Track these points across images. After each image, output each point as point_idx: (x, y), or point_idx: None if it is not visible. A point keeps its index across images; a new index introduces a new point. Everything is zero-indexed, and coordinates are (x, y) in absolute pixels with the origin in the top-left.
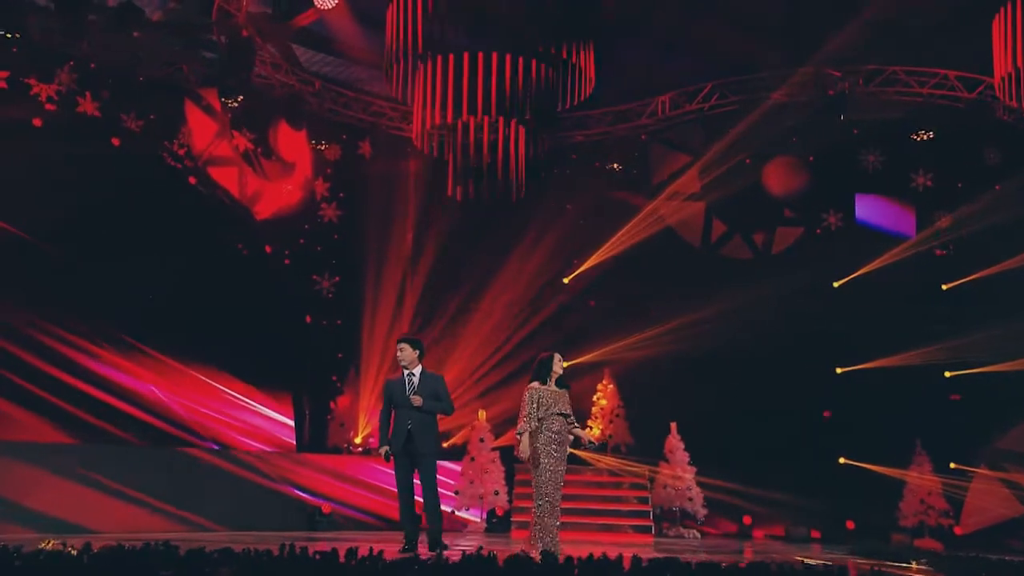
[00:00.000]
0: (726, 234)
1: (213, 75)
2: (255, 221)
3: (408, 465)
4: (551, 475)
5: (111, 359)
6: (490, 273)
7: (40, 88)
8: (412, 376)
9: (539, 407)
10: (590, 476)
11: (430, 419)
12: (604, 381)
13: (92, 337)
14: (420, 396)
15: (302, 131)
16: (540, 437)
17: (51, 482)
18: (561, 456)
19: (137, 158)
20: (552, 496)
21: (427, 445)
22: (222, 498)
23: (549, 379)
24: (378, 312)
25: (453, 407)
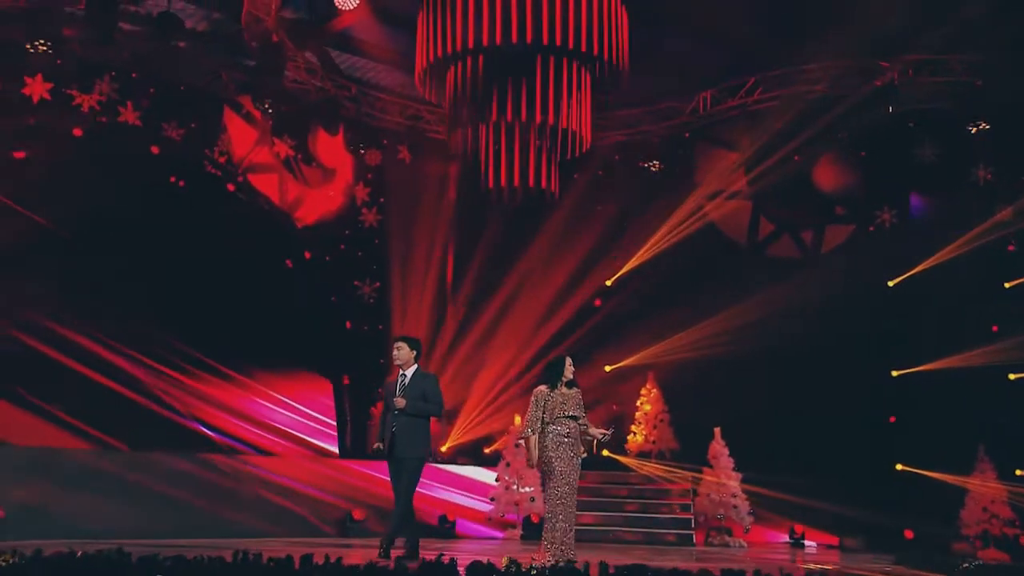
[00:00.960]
0: (773, 233)
1: (247, 82)
2: (296, 228)
3: (396, 469)
4: (563, 479)
5: (152, 366)
6: (529, 276)
7: (82, 99)
8: (404, 377)
9: (545, 411)
10: (631, 482)
11: (416, 422)
12: (648, 385)
13: (134, 344)
14: (404, 398)
15: (338, 136)
16: (549, 441)
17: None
18: (572, 459)
19: (178, 166)
20: (566, 501)
21: (408, 448)
22: (255, 503)
23: (559, 383)
24: (419, 317)
25: (442, 408)
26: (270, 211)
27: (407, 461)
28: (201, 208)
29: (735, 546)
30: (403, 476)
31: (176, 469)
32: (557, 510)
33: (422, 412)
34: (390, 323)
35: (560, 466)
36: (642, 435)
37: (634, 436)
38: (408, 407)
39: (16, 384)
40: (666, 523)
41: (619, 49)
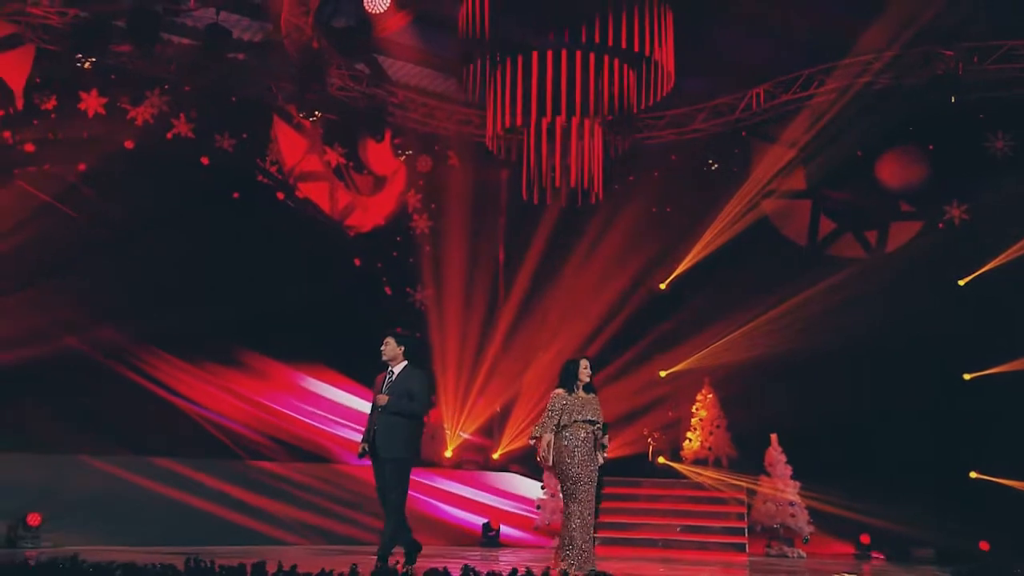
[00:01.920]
0: (835, 231)
1: (291, 91)
2: (347, 235)
3: (379, 469)
4: (577, 486)
5: (203, 373)
6: (582, 280)
7: (136, 112)
8: (392, 373)
9: (563, 413)
10: (682, 491)
11: (396, 420)
12: (704, 391)
13: (186, 351)
14: (386, 395)
15: (384, 142)
16: (564, 446)
17: (165, 495)
18: (588, 465)
19: (230, 176)
20: (582, 509)
21: (388, 449)
22: (307, 510)
23: (576, 386)
24: (470, 323)
25: (425, 406)
26: (320, 219)
27: (387, 463)
28: (252, 217)
29: (793, 557)
30: (389, 479)
31: (223, 475)
32: (572, 518)
33: (404, 411)
34: (442, 330)
35: (575, 472)
36: (698, 441)
37: (690, 443)
38: (390, 405)
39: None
40: (720, 532)
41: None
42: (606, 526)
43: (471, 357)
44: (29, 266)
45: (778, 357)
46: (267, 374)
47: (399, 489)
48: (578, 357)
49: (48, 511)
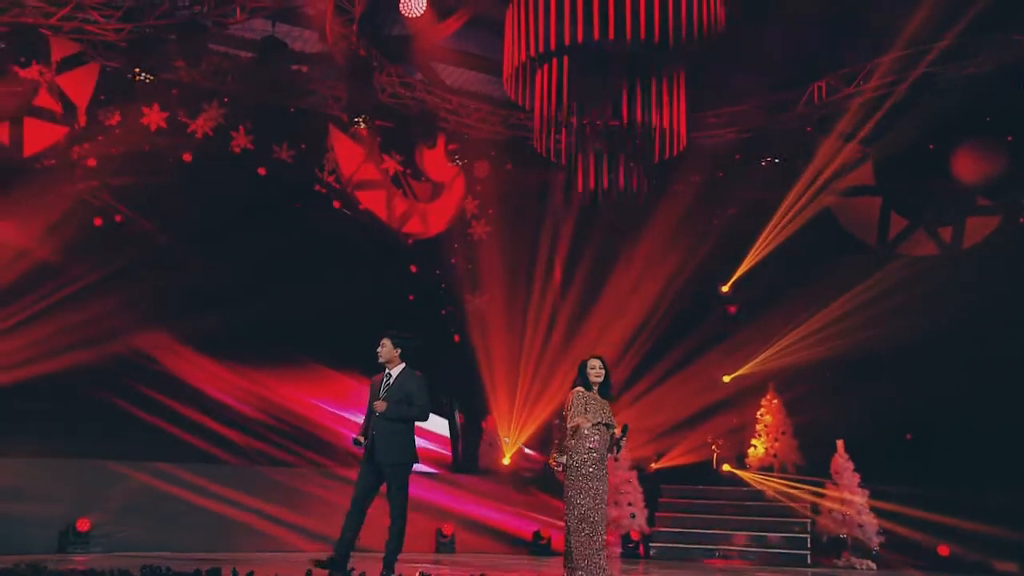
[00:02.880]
0: (907, 228)
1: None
2: (405, 243)
3: (369, 475)
4: (586, 494)
5: (265, 381)
6: (640, 283)
7: (196, 126)
8: (389, 376)
9: (587, 410)
10: (743, 500)
11: (396, 427)
12: (768, 396)
13: (246, 358)
14: (385, 402)
15: (440, 149)
16: (579, 449)
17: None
18: (600, 473)
19: (288, 186)
20: (593, 519)
21: (389, 455)
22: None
23: (592, 386)
24: (528, 328)
25: (427, 412)
26: (377, 227)
27: (387, 468)
28: (309, 226)
29: (863, 569)
30: (388, 487)
31: (276, 480)
32: (583, 528)
33: (404, 417)
34: (500, 335)
35: (587, 482)
36: (763, 448)
37: (754, 449)
38: (389, 412)
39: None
40: (782, 543)
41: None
42: (662, 536)
43: (530, 363)
44: (86, 276)
45: (846, 359)
46: (322, 380)
47: (401, 494)
48: (588, 356)
49: (97, 516)
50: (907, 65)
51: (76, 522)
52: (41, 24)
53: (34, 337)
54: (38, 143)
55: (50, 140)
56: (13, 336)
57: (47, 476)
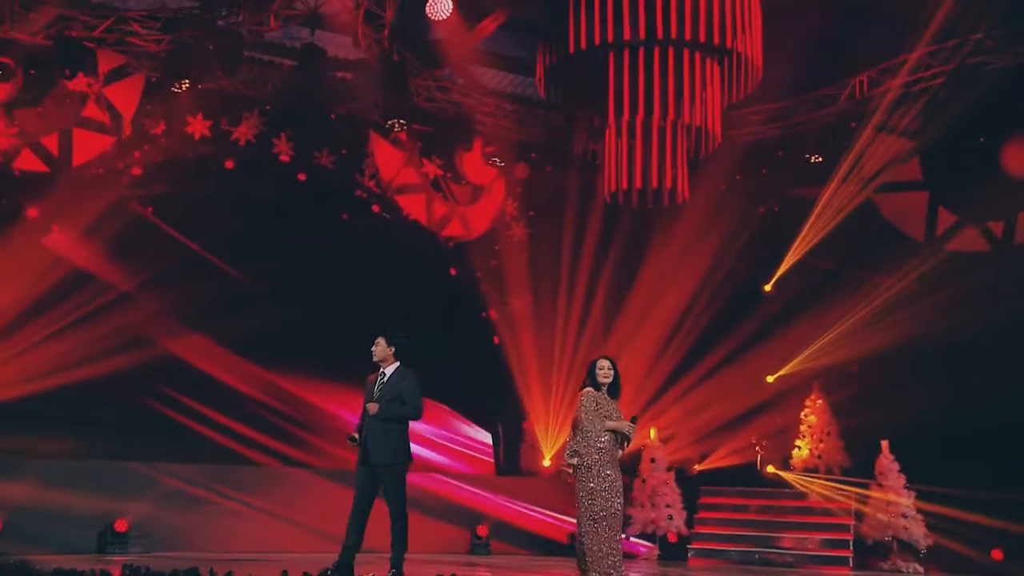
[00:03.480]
0: (956, 224)
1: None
2: (445, 246)
3: (365, 476)
4: (598, 496)
5: (308, 385)
6: (683, 282)
7: (239, 133)
8: (383, 375)
9: (598, 409)
10: (784, 501)
11: (388, 426)
12: (813, 396)
13: (291, 365)
14: (377, 403)
15: (476, 152)
16: (590, 450)
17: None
18: (613, 473)
19: (329, 192)
20: (606, 521)
21: (382, 455)
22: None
23: (601, 386)
24: (568, 329)
25: (419, 410)
26: (417, 231)
27: (380, 469)
28: (349, 231)
29: (909, 572)
30: (383, 488)
31: (314, 484)
32: (597, 528)
33: (396, 416)
34: (540, 337)
35: (599, 481)
36: (807, 449)
37: (799, 451)
38: (381, 412)
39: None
40: (824, 545)
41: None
42: (700, 537)
43: (568, 364)
44: (130, 281)
45: (892, 358)
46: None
47: (398, 495)
48: (598, 357)
49: (135, 517)
50: (951, 56)
51: (114, 522)
52: (85, 37)
53: (78, 342)
54: (87, 153)
55: (98, 150)
56: (58, 341)
57: (88, 478)
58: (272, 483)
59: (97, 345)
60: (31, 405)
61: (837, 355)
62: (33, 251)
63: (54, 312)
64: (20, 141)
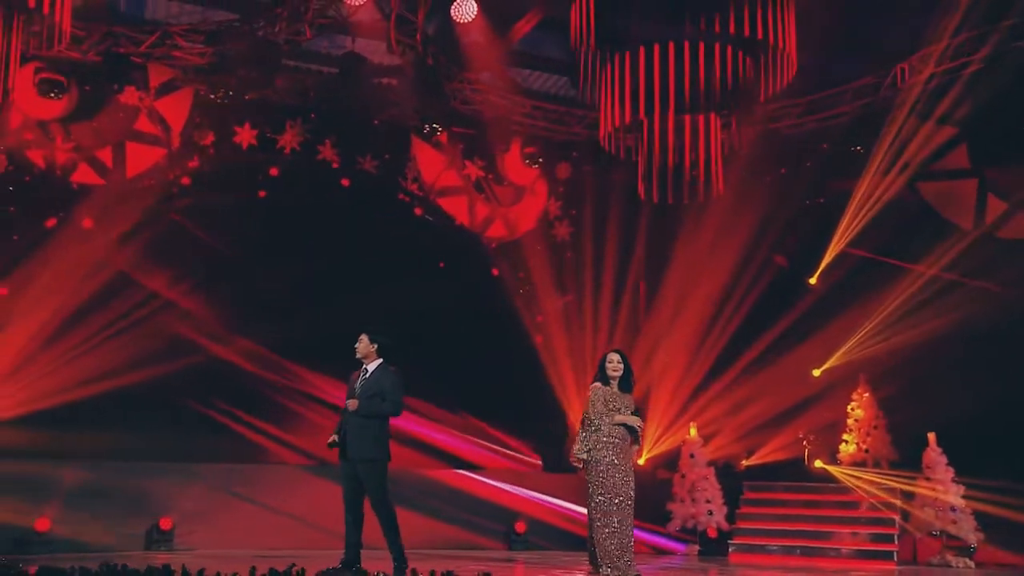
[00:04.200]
0: (1006, 212)
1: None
2: (488, 247)
3: (348, 473)
4: (608, 490)
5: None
6: (726, 277)
7: (284, 141)
8: (366, 372)
9: (606, 405)
10: (829, 496)
11: (367, 422)
12: (859, 389)
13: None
14: (357, 400)
15: (516, 153)
16: (599, 445)
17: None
18: (623, 466)
19: (372, 196)
20: (620, 513)
21: (360, 451)
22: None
23: (609, 381)
24: (615, 327)
25: (399, 407)
26: (459, 232)
27: (359, 465)
28: (393, 234)
29: (959, 567)
30: (365, 484)
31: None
32: (607, 521)
33: (376, 412)
34: (585, 336)
35: (609, 473)
36: (854, 443)
37: (846, 445)
38: (361, 408)
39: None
40: (870, 539)
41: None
42: (742, 533)
43: None
44: (180, 286)
45: (940, 349)
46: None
47: (379, 491)
48: (608, 351)
49: (180, 515)
50: (995, 40)
51: (159, 521)
52: (132, 52)
53: (129, 347)
54: (139, 165)
55: (150, 161)
56: (110, 345)
57: (136, 478)
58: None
59: (146, 350)
60: (85, 408)
61: (882, 346)
62: (88, 260)
63: (106, 317)
64: (77, 155)
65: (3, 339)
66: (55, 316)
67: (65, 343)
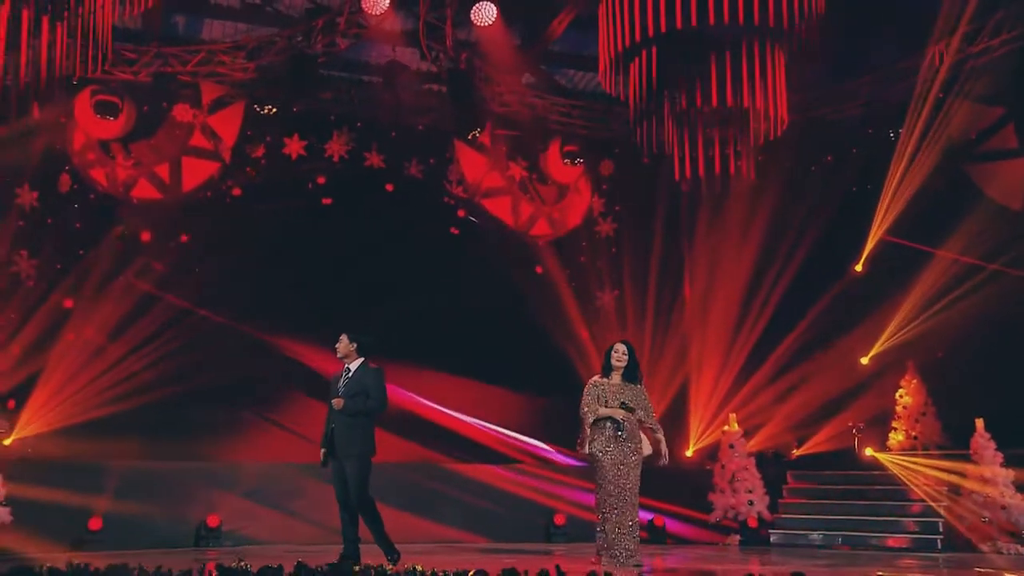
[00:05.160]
0: None
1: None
2: (531, 246)
3: (338, 470)
4: (609, 480)
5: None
6: (770, 268)
7: (332, 151)
8: (348, 371)
9: (596, 400)
10: (873, 484)
11: (353, 420)
12: (907, 376)
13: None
14: (342, 398)
15: (558, 151)
16: (595, 436)
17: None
18: (620, 455)
19: (418, 200)
20: (618, 501)
21: (347, 447)
22: (469, 510)
23: (611, 372)
24: (659, 322)
25: (383, 404)
26: (504, 232)
27: (345, 461)
28: (438, 237)
29: (1009, 554)
30: (348, 478)
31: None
32: (604, 511)
33: (361, 411)
34: (631, 330)
35: (606, 462)
36: (903, 431)
37: (895, 432)
38: (346, 407)
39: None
40: (914, 527)
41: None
42: (784, 523)
43: (657, 356)
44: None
45: (989, 333)
46: (447, 384)
47: (360, 485)
48: (613, 343)
49: (226, 513)
50: None
51: (207, 518)
52: (179, 72)
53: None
54: (195, 179)
55: (205, 175)
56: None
57: (186, 477)
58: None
59: (193, 356)
60: (144, 413)
61: (929, 331)
62: (147, 272)
63: (155, 323)
64: (137, 172)
65: (67, 348)
66: (112, 325)
67: (118, 350)
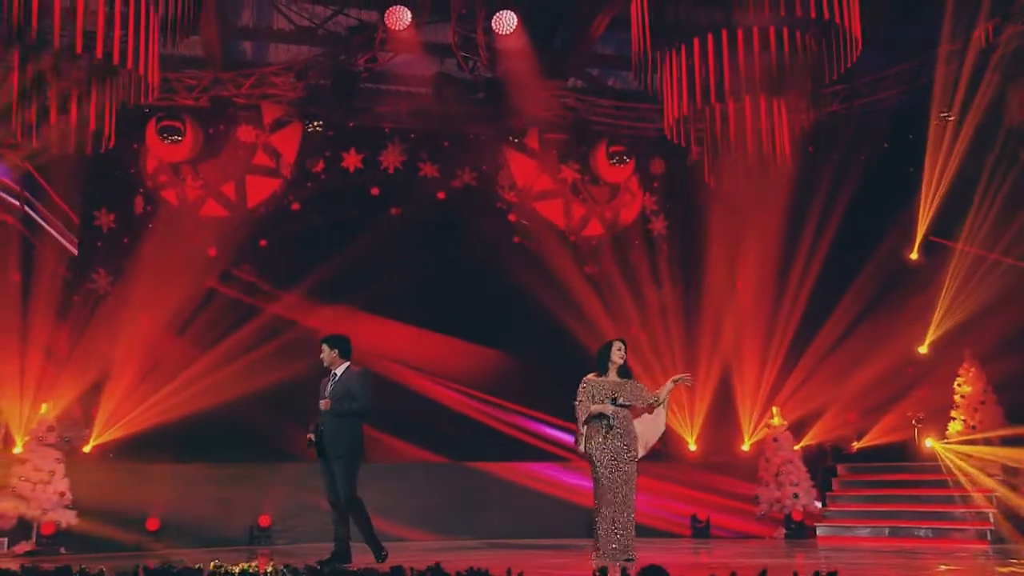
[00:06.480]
0: None
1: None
2: (583, 247)
3: (326, 471)
4: (605, 477)
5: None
6: (820, 261)
7: (387, 162)
8: (334, 376)
9: (591, 399)
10: (924, 476)
11: (340, 421)
12: (965, 364)
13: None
14: (328, 400)
15: (604, 152)
16: (593, 432)
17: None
18: (616, 453)
19: (471, 206)
20: (614, 499)
21: (335, 448)
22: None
23: (608, 369)
24: (714, 318)
25: (368, 405)
26: (555, 235)
27: (333, 461)
28: (493, 241)
29: None
30: (336, 477)
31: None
32: (600, 507)
33: (347, 412)
34: (685, 328)
35: (603, 460)
36: (961, 421)
37: (954, 422)
38: (333, 409)
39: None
40: (965, 519)
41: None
42: (832, 515)
43: (710, 352)
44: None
45: None
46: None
47: (347, 485)
48: (611, 339)
49: (277, 513)
50: None
51: (259, 518)
52: (233, 95)
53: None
54: (258, 195)
55: (267, 191)
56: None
57: (240, 478)
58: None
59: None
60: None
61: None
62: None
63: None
64: (205, 191)
65: (138, 361)
66: (181, 334)
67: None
